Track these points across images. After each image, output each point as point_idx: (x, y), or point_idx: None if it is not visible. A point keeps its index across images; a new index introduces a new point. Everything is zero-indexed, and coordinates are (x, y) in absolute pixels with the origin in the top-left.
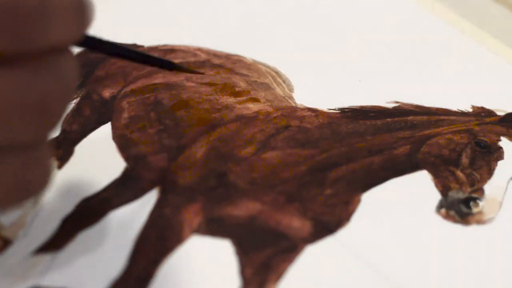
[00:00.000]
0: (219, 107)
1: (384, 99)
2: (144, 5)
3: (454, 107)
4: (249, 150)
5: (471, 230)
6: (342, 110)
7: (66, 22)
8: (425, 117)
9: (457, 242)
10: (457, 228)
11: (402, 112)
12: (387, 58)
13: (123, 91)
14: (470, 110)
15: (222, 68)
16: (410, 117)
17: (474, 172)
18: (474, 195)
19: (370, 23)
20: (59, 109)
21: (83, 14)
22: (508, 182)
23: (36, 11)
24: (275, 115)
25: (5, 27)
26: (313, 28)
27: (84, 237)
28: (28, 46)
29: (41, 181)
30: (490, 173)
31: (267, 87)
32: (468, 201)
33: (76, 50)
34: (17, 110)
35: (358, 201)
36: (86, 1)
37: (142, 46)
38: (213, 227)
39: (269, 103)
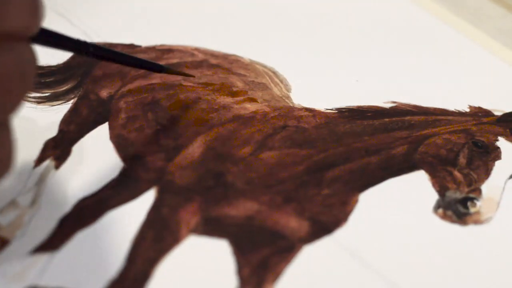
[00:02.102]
0: (216, 107)
1: (382, 99)
2: (142, 5)
3: (451, 107)
4: (246, 150)
5: (469, 230)
6: (340, 110)
7: (22, 9)
8: (422, 117)
9: (454, 242)
10: (455, 228)
11: (400, 112)
12: (384, 58)
13: (120, 91)
14: (468, 110)
15: (219, 68)
16: (408, 117)
17: (471, 172)
18: (471, 195)
19: (367, 23)
20: (18, 92)
21: (37, 5)
22: (505, 182)
23: None
24: (272, 115)
25: None
26: (311, 28)
27: (82, 237)
28: None
29: (4, 163)
30: (487, 173)
31: (264, 87)
32: (466, 201)
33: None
34: None
35: (356, 201)
36: None
37: (139, 46)
38: (211, 227)
39: (266, 103)
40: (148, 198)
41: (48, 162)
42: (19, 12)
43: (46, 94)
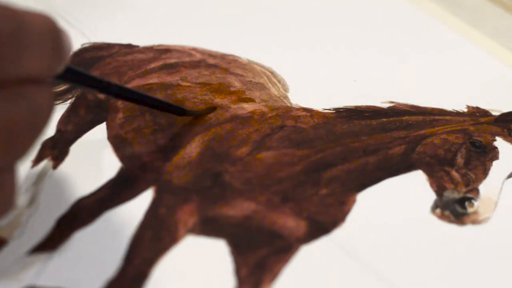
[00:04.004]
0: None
1: (379, 99)
2: (140, 5)
3: (449, 107)
4: (244, 150)
5: (467, 230)
6: (337, 110)
7: (41, 53)
8: (420, 117)
9: (452, 242)
10: (452, 228)
11: (397, 112)
12: (382, 58)
13: None
14: (465, 110)
15: (217, 68)
16: (405, 117)
17: (469, 172)
18: (469, 195)
19: (365, 23)
20: (26, 140)
21: (60, 46)
22: (503, 182)
23: (10, 38)
24: (270, 115)
25: None
26: (308, 28)
27: (79, 237)
28: None
29: (2, 207)
30: (485, 173)
31: (262, 87)
32: (463, 201)
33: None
34: None
35: (353, 201)
36: (64, 34)
37: (137, 46)
38: (208, 227)
39: (264, 103)
40: (146, 198)
41: (45, 162)
42: (37, 57)
43: None
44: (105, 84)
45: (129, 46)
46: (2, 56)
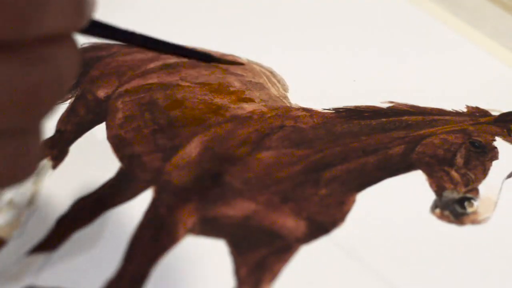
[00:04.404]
0: (213, 107)
1: (379, 99)
2: (140, 5)
3: (448, 107)
4: (243, 150)
5: (466, 230)
6: (337, 110)
7: (65, 9)
8: (419, 117)
9: (452, 242)
10: (452, 228)
11: (397, 112)
12: (382, 58)
13: (117, 91)
14: (465, 110)
15: (216, 68)
16: (405, 117)
17: (468, 172)
18: (468, 195)
19: (365, 23)
20: (51, 99)
21: (83, 3)
22: (502, 182)
23: None
24: (269, 115)
25: None
26: (308, 28)
27: (79, 237)
28: (20, 35)
29: (28, 168)
30: (485, 173)
31: (261, 87)
32: (463, 201)
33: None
34: (6, 97)
35: (353, 201)
36: None
37: None
38: (208, 227)
39: (263, 103)
40: (145, 198)
41: (45, 162)
42: (60, 14)
43: None
44: (128, 34)
45: (129, 46)
46: (21, 17)
